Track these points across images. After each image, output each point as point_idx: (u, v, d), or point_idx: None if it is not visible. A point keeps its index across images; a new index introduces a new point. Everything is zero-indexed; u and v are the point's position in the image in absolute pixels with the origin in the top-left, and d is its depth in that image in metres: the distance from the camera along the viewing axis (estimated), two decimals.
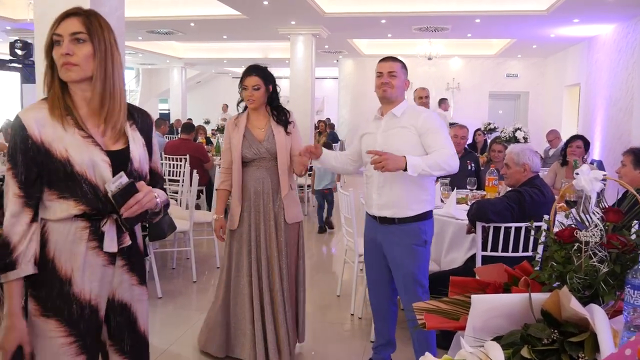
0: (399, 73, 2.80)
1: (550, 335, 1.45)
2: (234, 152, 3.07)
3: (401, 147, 2.66)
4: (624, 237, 1.64)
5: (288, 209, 3.08)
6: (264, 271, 3.08)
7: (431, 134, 2.69)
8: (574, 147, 4.99)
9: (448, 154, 2.63)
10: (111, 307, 1.73)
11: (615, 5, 7.24)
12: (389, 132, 2.78)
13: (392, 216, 2.76)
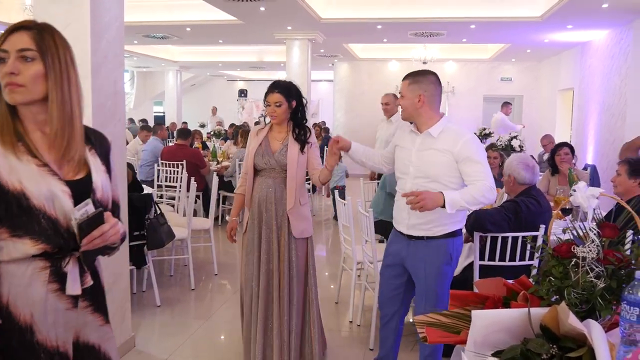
0: (405, 92, 2.74)
1: (549, 351, 1.49)
2: (248, 159, 3.18)
3: (436, 171, 2.65)
4: (620, 253, 1.68)
5: (295, 223, 3.12)
6: (270, 278, 3.14)
7: (470, 163, 2.61)
8: (562, 154, 5.03)
9: (486, 187, 2.56)
10: (77, 350, 1.56)
11: (609, 12, 7.31)
12: (424, 152, 2.71)
13: (421, 235, 2.74)
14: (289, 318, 3.12)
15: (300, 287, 3.19)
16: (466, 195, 2.53)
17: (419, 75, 2.75)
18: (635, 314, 1.51)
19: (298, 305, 3.17)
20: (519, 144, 4.94)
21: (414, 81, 2.73)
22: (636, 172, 3.33)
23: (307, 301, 3.25)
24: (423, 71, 2.79)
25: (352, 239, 3.97)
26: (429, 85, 2.71)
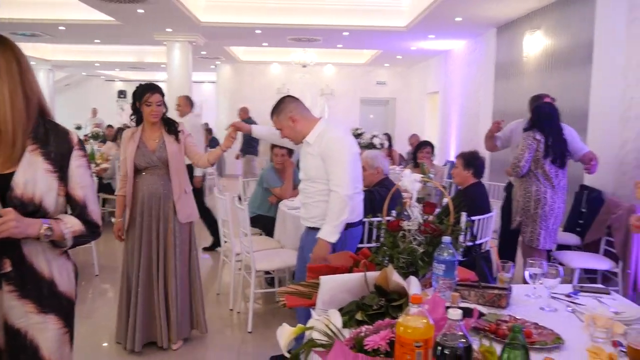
0: (279, 125, 3.00)
1: (378, 303, 1.88)
2: (128, 161, 3.40)
3: (313, 173, 2.95)
4: (435, 225, 2.12)
5: (182, 209, 3.47)
6: (157, 268, 3.45)
7: (330, 162, 2.87)
8: (424, 152, 5.68)
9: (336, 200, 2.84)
10: (6, 332, 1.66)
11: (463, 25, 8.19)
12: (305, 157, 3.02)
13: (314, 226, 3.03)
14: (175, 295, 3.48)
15: (185, 267, 3.54)
16: (331, 219, 2.85)
17: (279, 105, 3.04)
18: (442, 269, 1.96)
19: (182, 284, 3.52)
20: (379, 142, 5.49)
21: (278, 112, 3.02)
22: (469, 164, 3.93)
23: (191, 280, 3.62)
24: (279, 101, 3.08)
25: (230, 232, 4.24)
26: (289, 105, 3.01)
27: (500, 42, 8.28)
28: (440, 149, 10.75)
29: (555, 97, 5.57)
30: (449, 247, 1.92)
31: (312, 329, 1.72)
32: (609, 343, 1.74)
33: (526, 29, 7.21)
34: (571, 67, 6.05)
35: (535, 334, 1.79)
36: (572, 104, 5.87)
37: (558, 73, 6.36)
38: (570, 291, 2.33)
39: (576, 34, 5.97)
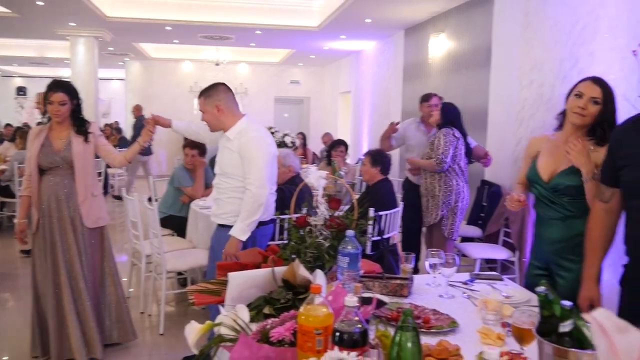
0: (204, 108, 3.00)
1: (285, 297, 1.93)
2: (32, 160, 3.22)
3: (230, 169, 2.96)
4: (340, 220, 2.20)
5: (89, 214, 3.30)
6: (65, 272, 3.27)
7: (247, 161, 2.90)
8: (338, 151, 5.81)
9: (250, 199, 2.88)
10: None
11: (372, 26, 8.43)
12: (223, 151, 3.03)
13: (224, 222, 3.03)
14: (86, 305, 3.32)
15: (96, 274, 3.40)
16: (244, 218, 2.89)
17: (210, 89, 3.04)
18: (346, 262, 2.03)
19: (93, 292, 3.37)
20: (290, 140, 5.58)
21: (207, 96, 3.00)
22: (376, 161, 4.08)
23: (106, 287, 3.47)
24: (213, 85, 3.08)
25: (140, 234, 4.14)
26: (220, 94, 3.01)
27: (408, 44, 8.60)
28: (352, 148, 10.99)
29: (457, 97, 5.88)
30: (352, 240, 1.99)
31: (221, 325, 1.73)
32: (498, 324, 1.89)
33: (431, 32, 7.53)
34: (472, 68, 6.40)
35: (433, 319, 1.91)
36: (473, 103, 6.21)
37: (460, 74, 6.71)
38: (467, 279, 2.49)
39: (476, 38, 6.32)
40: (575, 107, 2.27)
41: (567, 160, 2.31)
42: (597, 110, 2.25)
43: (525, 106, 5.23)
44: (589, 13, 4.27)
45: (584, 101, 2.25)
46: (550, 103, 4.76)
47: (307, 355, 1.23)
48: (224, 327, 1.71)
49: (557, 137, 2.43)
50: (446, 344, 1.59)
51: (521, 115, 5.31)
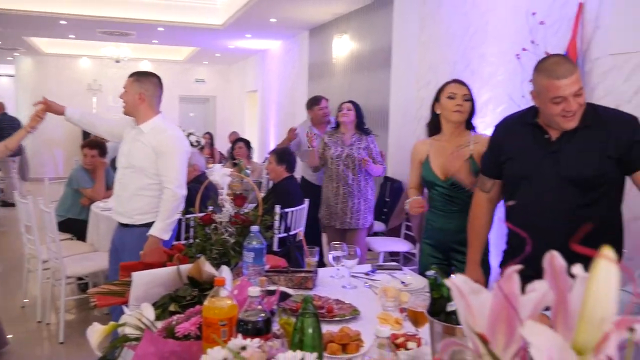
0: (128, 88, 2.97)
1: (191, 294, 1.93)
2: None
3: (140, 163, 2.89)
4: (245, 216, 2.23)
5: None
6: None
7: (163, 159, 2.88)
8: (237, 148, 5.82)
9: (168, 198, 2.86)
10: None
11: (278, 26, 8.49)
12: (133, 144, 2.94)
13: (128, 222, 2.96)
14: None
15: None
16: (165, 217, 2.86)
17: (143, 75, 3.04)
18: (251, 257, 2.07)
19: None
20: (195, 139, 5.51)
21: (137, 80, 2.99)
22: (282, 160, 4.14)
23: None
24: (148, 72, 3.09)
25: (35, 239, 3.93)
26: (150, 85, 3.00)
27: (313, 44, 8.74)
28: (259, 147, 11.01)
29: (361, 97, 6.07)
30: (257, 236, 2.03)
31: (125, 325, 1.71)
32: (397, 310, 2.01)
33: (335, 33, 7.71)
34: (374, 69, 6.64)
35: (336, 308, 2.00)
36: (376, 103, 6.44)
37: (363, 74, 6.93)
38: (369, 270, 2.62)
39: (377, 39, 6.55)
40: (454, 106, 2.53)
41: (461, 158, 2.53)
42: (469, 107, 2.55)
43: (423, 105, 5.50)
44: (480, 18, 4.57)
45: (458, 100, 2.53)
46: None
47: (212, 346, 1.26)
48: (128, 327, 1.69)
49: (440, 138, 2.64)
50: (347, 330, 1.67)
51: (419, 114, 5.58)
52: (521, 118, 2.18)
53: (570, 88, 1.90)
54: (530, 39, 3.65)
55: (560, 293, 0.51)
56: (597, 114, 2.00)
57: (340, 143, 4.11)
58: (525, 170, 2.09)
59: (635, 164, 1.95)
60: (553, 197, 2.00)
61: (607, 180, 1.97)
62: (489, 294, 0.57)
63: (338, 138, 4.12)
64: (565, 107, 1.92)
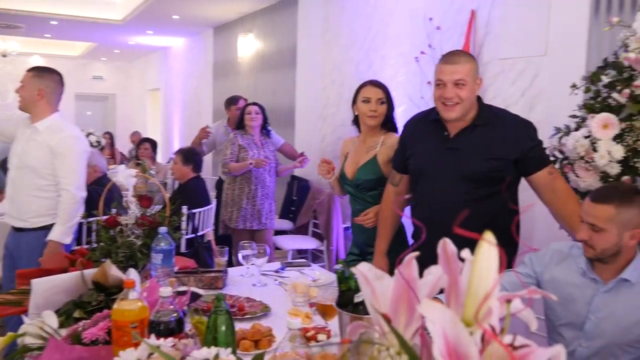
0: (26, 83, 2.84)
1: (97, 299, 1.88)
2: None
3: (35, 163, 2.76)
4: (152, 218, 2.20)
5: None
6: None
7: (61, 160, 2.77)
8: (143, 149, 5.65)
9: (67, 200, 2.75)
10: None
11: (180, 22, 8.31)
12: (28, 144, 2.80)
13: (24, 226, 2.81)
14: None
15: None
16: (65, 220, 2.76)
17: (44, 71, 2.92)
18: (160, 258, 2.04)
19: None
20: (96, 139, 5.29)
21: (37, 75, 2.88)
22: (188, 160, 4.08)
23: None
24: (50, 69, 2.96)
25: None
26: (51, 82, 2.90)
27: (217, 43, 8.64)
28: (163, 147, 10.70)
29: (267, 96, 6.10)
30: (165, 237, 2.01)
31: (25, 335, 1.64)
32: (306, 305, 2.07)
33: (240, 32, 7.68)
34: (280, 68, 6.68)
35: (247, 306, 2.02)
36: (282, 102, 6.49)
37: (269, 73, 6.96)
38: (279, 267, 2.66)
39: (282, 39, 6.61)
40: (368, 111, 2.59)
41: (367, 156, 2.61)
42: (384, 109, 2.58)
43: (328, 104, 5.63)
44: (381, 21, 4.75)
45: (372, 104, 2.57)
46: (350, 102, 5.19)
47: (124, 349, 1.24)
48: (29, 337, 1.62)
49: (360, 137, 2.74)
50: (259, 327, 1.71)
51: (324, 113, 5.70)
52: (426, 116, 2.29)
53: (451, 75, 2.01)
54: (428, 42, 3.85)
55: (453, 275, 0.58)
56: (495, 115, 2.13)
57: (254, 146, 4.14)
58: (424, 166, 2.21)
59: (531, 167, 2.07)
60: (449, 192, 2.11)
61: (502, 178, 2.06)
62: (391, 279, 0.63)
63: (251, 140, 4.14)
64: (443, 93, 2.04)
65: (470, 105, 2.09)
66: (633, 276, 1.68)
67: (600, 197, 1.67)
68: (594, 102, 2.20)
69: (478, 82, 2.09)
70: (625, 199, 1.64)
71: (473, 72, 2.05)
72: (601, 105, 2.15)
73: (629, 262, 1.68)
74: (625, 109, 2.07)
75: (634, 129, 2.05)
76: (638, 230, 1.65)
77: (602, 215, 1.63)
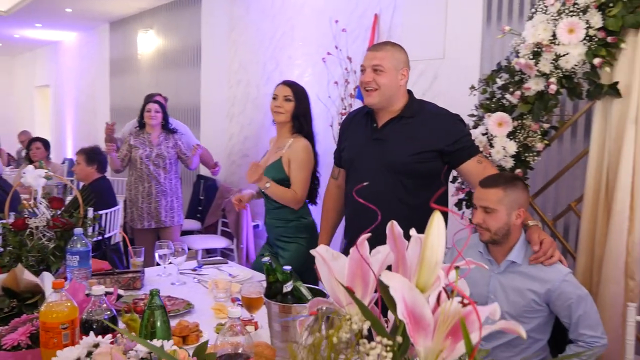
0: None
1: (10, 305, 1.80)
2: None
3: None
4: (65, 219, 2.13)
5: None
6: None
7: None
8: (34, 148, 5.34)
9: None
10: None
11: (74, 16, 7.90)
12: None
13: None
14: None
15: None
16: None
17: None
18: (76, 260, 1.99)
19: None
20: None
21: None
22: (92, 160, 3.93)
23: None
24: None
25: None
26: None
27: (114, 38, 8.31)
28: (55, 146, 10.11)
29: (170, 94, 5.98)
30: (81, 238, 1.97)
31: None
32: (229, 300, 2.10)
33: (139, 28, 7.44)
34: (184, 66, 6.57)
35: (170, 304, 2.02)
36: (186, 101, 6.39)
37: (172, 71, 6.81)
38: (196, 266, 2.66)
39: (186, 36, 6.50)
40: (274, 107, 2.69)
41: (275, 156, 2.68)
42: (291, 107, 2.67)
43: (235, 104, 5.63)
44: (287, 22, 4.83)
45: (279, 101, 2.66)
46: (257, 101, 5.24)
47: (54, 352, 1.22)
48: None
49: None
50: (186, 323, 1.72)
51: (231, 112, 5.69)
52: (362, 109, 2.38)
53: (371, 60, 2.11)
54: (334, 44, 3.98)
55: (400, 252, 0.67)
56: (423, 108, 2.21)
57: (148, 143, 4.06)
58: (353, 156, 2.29)
59: (460, 158, 2.16)
60: (375, 183, 2.12)
61: (428, 170, 2.15)
62: (346, 259, 0.71)
63: (145, 139, 4.06)
64: (362, 78, 2.14)
65: (393, 94, 2.15)
66: (519, 257, 1.92)
67: (489, 183, 1.92)
68: (490, 102, 2.41)
69: (403, 73, 2.16)
70: (509, 182, 1.91)
71: (395, 60, 2.13)
72: (496, 105, 2.37)
73: (515, 244, 1.91)
74: (517, 108, 2.29)
75: (524, 127, 2.28)
76: (522, 209, 1.91)
77: (492, 198, 1.88)
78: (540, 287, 1.86)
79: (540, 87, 2.22)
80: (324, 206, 2.55)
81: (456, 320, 0.55)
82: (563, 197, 2.86)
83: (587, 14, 2.11)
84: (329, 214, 2.52)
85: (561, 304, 1.84)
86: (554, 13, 2.18)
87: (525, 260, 1.92)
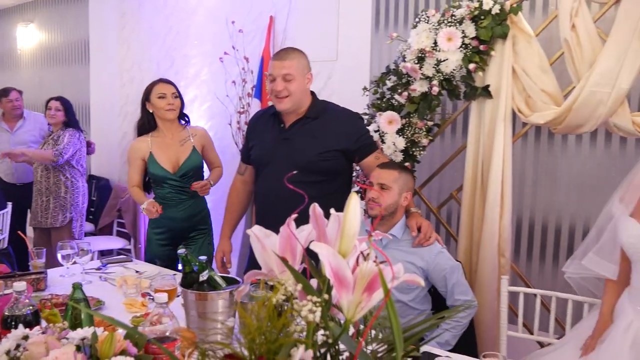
0: None
1: None
2: None
3: None
4: None
5: None
6: None
7: None
8: None
9: None
10: None
11: None
12: None
13: None
14: None
15: None
16: None
17: None
18: None
19: None
20: None
21: None
22: None
23: None
24: None
25: None
26: None
27: None
28: None
29: (56, 92, 5.71)
30: None
31: None
32: (139, 295, 2.15)
33: (19, 21, 7.01)
34: (70, 63, 6.30)
35: None
36: (74, 98, 6.07)
37: (57, 68, 6.50)
38: (100, 265, 2.66)
39: (72, 32, 6.23)
40: (166, 105, 2.79)
41: (185, 148, 2.81)
42: (179, 103, 2.84)
43: (128, 102, 5.51)
44: (181, 21, 4.82)
45: (169, 99, 2.79)
46: None
47: None
48: None
49: (159, 135, 2.85)
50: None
51: (124, 110, 5.57)
52: (267, 110, 2.52)
53: (280, 70, 2.23)
54: (231, 44, 4.06)
55: (321, 229, 0.81)
56: (325, 108, 2.36)
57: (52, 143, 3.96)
58: (262, 156, 2.41)
59: (361, 155, 2.34)
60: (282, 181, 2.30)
61: (333, 167, 2.31)
62: (276, 236, 0.84)
63: None
64: (273, 87, 2.26)
65: (302, 97, 2.29)
66: (399, 233, 2.19)
67: (387, 165, 2.25)
68: (380, 102, 2.64)
69: (308, 77, 2.31)
70: (403, 168, 2.28)
71: (301, 67, 2.27)
72: (386, 105, 2.60)
73: (397, 223, 2.19)
74: (404, 108, 2.54)
75: (411, 124, 2.54)
76: (410, 193, 2.21)
77: (389, 177, 2.15)
78: (419, 260, 2.13)
79: (425, 88, 2.49)
80: (229, 200, 2.66)
81: (371, 278, 0.71)
82: (446, 187, 3.17)
83: (462, 25, 2.39)
84: (234, 207, 2.64)
85: (437, 274, 2.12)
86: (435, 23, 2.45)
87: (403, 236, 2.17)
